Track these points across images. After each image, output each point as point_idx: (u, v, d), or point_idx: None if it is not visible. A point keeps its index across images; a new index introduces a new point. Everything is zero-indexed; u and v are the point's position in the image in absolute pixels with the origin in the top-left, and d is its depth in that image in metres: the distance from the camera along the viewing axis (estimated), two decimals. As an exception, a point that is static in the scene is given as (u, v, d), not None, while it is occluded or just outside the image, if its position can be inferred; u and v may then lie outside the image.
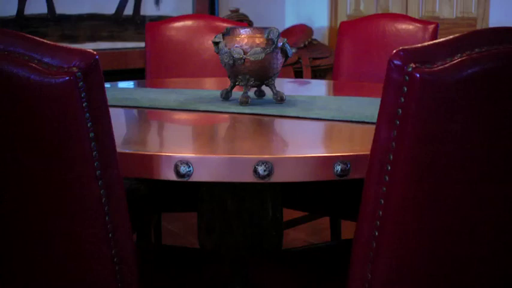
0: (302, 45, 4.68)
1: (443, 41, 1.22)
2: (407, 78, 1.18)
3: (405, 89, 1.18)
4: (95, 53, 1.24)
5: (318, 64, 4.69)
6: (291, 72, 4.52)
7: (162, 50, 3.25)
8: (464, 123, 1.24)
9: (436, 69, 1.18)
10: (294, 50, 4.60)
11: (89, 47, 4.79)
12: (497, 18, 4.08)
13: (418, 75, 1.17)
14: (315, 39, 4.88)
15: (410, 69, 1.18)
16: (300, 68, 4.61)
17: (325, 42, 5.17)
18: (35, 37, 1.26)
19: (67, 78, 1.20)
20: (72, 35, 4.78)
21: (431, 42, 1.23)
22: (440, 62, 1.19)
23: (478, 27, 4.21)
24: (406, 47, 1.19)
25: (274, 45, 2.02)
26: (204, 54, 3.16)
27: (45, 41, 1.25)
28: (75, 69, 1.21)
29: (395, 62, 1.19)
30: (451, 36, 1.23)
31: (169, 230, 3.83)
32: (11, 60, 1.22)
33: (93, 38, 4.85)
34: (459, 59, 1.20)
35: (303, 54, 4.64)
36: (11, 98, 1.24)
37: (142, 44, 3.85)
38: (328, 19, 5.24)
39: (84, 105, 1.22)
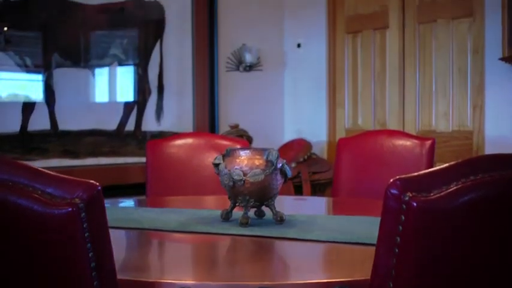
0: (301, 159, 4.74)
1: (439, 170, 1.25)
2: (404, 207, 1.19)
3: (403, 217, 1.20)
4: (97, 184, 1.26)
5: (318, 178, 4.73)
6: (291, 187, 4.55)
7: (162, 167, 3.28)
8: (462, 249, 1.24)
9: (432, 197, 1.20)
10: (293, 165, 4.65)
11: (90, 162, 4.85)
12: (492, 132, 4.15)
13: (415, 204, 1.19)
14: (314, 154, 4.94)
15: (407, 198, 1.19)
16: (300, 183, 4.65)
17: (324, 156, 5.23)
18: (37, 167, 1.28)
19: (69, 209, 1.22)
20: (74, 150, 4.84)
21: (427, 170, 1.25)
22: (436, 190, 1.21)
23: (474, 140, 4.27)
24: (403, 176, 1.22)
25: (273, 167, 2.05)
26: (205, 171, 3.19)
27: (47, 171, 1.27)
28: (77, 200, 1.22)
29: (392, 191, 1.21)
30: (446, 164, 1.26)
31: None
32: (14, 190, 1.24)
33: (94, 154, 4.90)
34: (455, 187, 1.22)
35: (303, 169, 4.68)
36: (14, 227, 1.26)
37: (143, 159, 3.89)
38: (326, 133, 5.32)
39: (86, 235, 1.23)
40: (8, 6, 4.57)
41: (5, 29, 4.53)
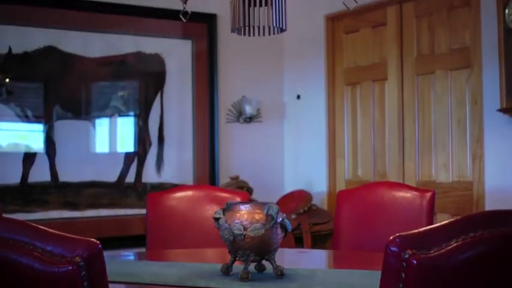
0: (302, 211, 4.73)
1: (438, 226, 1.25)
2: (404, 264, 1.20)
3: (403, 275, 1.20)
4: (97, 242, 1.26)
5: (318, 229, 4.72)
6: (291, 239, 4.53)
7: (163, 220, 3.28)
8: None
9: (432, 254, 1.20)
10: (293, 216, 4.64)
11: (90, 214, 4.85)
12: (492, 182, 4.15)
13: (415, 262, 1.19)
14: (314, 205, 4.94)
15: (407, 255, 1.20)
16: (300, 234, 4.64)
17: (325, 206, 5.22)
18: (38, 226, 1.29)
19: (70, 267, 1.22)
20: (74, 202, 4.84)
21: (427, 227, 1.25)
22: (436, 247, 1.21)
23: (475, 191, 4.27)
24: (403, 233, 1.22)
25: (273, 221, 2.06)
26: (205, 224, 3.19)
27: (48, 229, 1.27)
28: (78, 259, 1.23)
29: (392, 248, 1.21)
30: (446, 221, 1.26)
31: None
32: (15, 248, 1.25)
33: (94, 206, 4.90)
34: (455, 244, 1.22)
35: (303, 220, 4.68)
36: (15, 285, 1.25)
37: (143, 211, 3.88)
38: (326, 184, 5.33)
39: (86, 293, 1.23)
40: (10, 59, 4.63)
41: (7, 80, 4.58)
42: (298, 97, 5.60)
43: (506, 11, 3.89)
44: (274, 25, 2.03)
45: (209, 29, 5.36)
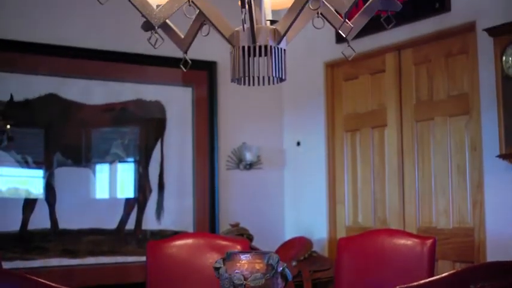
0: (302, 258, 4.71)
1: (438, 279, 1.25)
2: (405, 317, 1.19)
3: (404, 328, 1.19)
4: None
5: (319, 277, 4.69)
6: (292, 286, 4.50)
7: (163, 268, 3.26)
8: None
9: (433, 307, 1.20)
10: (294, 263, 4.62)
11: (90, 261, 4.83)
12: (493, 228, 4.14)
13: (416, 315, 1.19)
14: (315, 252, 4.92)
15: (407, 308, 1.19)
16: (301, 282, 4.61)
17: (325, 253, 5.20)
18: (38, 279, 1.28)
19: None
20: (74, 249, 4.82)
21: (426, 280, 1.25)
22: (437, 300, 1.21)
23: (476, 237, 4.25)
24: (403, 286, 1.22)
25: (274, 271, 2.05)
26: (205, 272, 3.17)
27: (53, 284, 1.27)
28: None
29: (393, 300, 1.21)
30: (446, 274, 1.26)
31: None
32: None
33: (94, 253, 4.88)
34: (455, 297, 1.22)
35: (303, 267, 4.65)
36: None
37: (143, 258, 3.86)
38: (327, 230, 5.31)
39: None
40: (12, 106, 4.66)
41: (8, 127, 4.60)
42: (298, 144, 5.62)
43: (504, 58, 3.93)
44: (274, 75, 2.05)
45: (209, 76, 5.40)
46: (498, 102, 3.99)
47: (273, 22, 2.36)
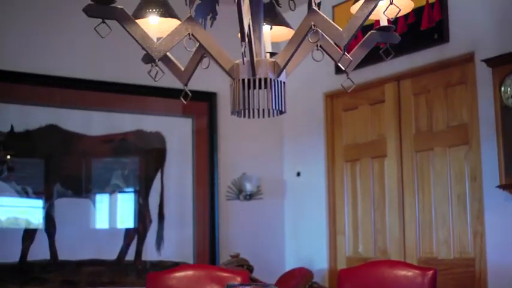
0: (303, 289, 4.69)
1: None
2: None
3: None
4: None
5: (320, 307, 4.67)
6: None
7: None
8: None
9: None
10: (294, 294, 4.60)
11: (90, 293, 4.81)
12: (494, 259, 4.12)
13: None
14: (316, 283, 4.90)
15: None
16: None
17: (326, 284, 5.18)
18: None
19: None
20: (73, 280, 4.80)
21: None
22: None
23: (476, 267, 4.24)
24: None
25: (274, 303, 2.04)
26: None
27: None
28: None
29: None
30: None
31: None
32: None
33: (94, 284, 4.86)
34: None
35: (304, 298, 4.63)
36: None
37: (143, 289, 3.86)
38: (327, 261, 5.30)
39: None
40: (12, 137, 4.68)
41: (8, 157, 4.61)
42: (298, 174, 5.62)
43: (502, 88, 3.95)
44: (274, 108, 2.06)
45: (209, 107, 5.43)
46: (497, 133, 4.00)
47: (272, 54, 2.38)
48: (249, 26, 1.93)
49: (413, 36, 4.61)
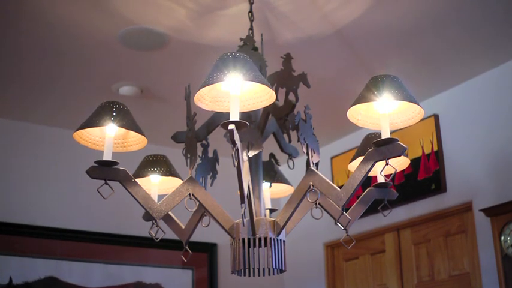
0: None
1: None
2: None
3: None
4: None
5: None
6: None
7: None
8: None
9: None
10: None
11: None
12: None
13: None
14: None
15: None
16: None
17: None
18: None
19: None
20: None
21: None
22: None
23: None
24: None
25: None
26: None
27: None
28: None
29: None
30: None
31: None
32: None
33: None
34: None
35: None
36: None
37: None
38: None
39: None
40: None
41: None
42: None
43: (502, 237, 3.95)
44: (274, 267, 2.07)
45: (210, 258, 5.41)
46: (500, 282, 3.97)
47: (272, 210, 2.42)
48: (248, 186, 1.98)
49: (411, 186, 4.67)
